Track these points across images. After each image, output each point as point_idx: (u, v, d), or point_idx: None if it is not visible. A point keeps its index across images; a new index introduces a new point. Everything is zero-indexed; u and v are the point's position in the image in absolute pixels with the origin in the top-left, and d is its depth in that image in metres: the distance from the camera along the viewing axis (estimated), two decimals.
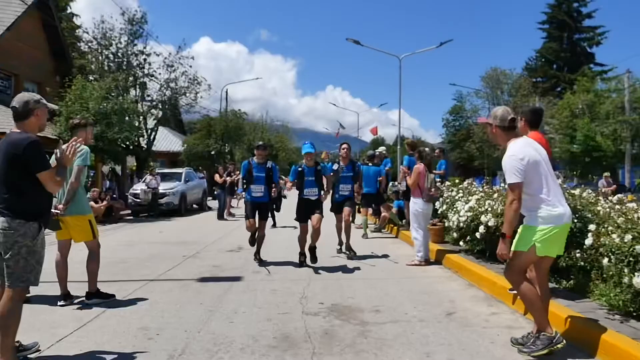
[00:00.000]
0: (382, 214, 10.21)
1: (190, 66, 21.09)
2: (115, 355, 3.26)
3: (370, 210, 10.64)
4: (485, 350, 3.35)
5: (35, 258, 3.03)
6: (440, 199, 7.58)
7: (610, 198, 5.37)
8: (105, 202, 12.95)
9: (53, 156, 3.68)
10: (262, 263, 6.62)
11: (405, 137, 57.43)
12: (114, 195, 15.58)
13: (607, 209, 4.54)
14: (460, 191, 7.28)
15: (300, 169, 6.52)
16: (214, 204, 17.58)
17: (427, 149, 7.21)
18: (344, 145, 7.55)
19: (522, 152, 3.26)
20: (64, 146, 3.08)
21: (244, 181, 6.66)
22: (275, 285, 5.35)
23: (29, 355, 3.13)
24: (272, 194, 6.57)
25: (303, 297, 4.84)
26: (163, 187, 15.35)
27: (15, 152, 2.97)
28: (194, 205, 17.81)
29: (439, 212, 7.66)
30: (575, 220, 4.44)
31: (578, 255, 4.34)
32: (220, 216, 13.92)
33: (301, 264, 6.48)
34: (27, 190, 3.01)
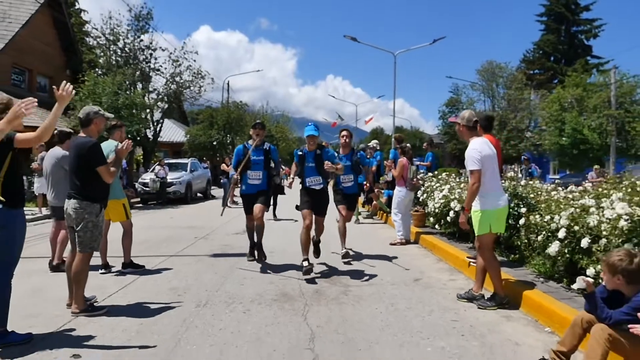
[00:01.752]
0: (374, 202, 11.27)
1: (194, 60, 21.96)
2: (156, 305, 4.29)
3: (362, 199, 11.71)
4: (436, 302, 4.39)
5: (98, 230, 4.05)
6: (422, 188, 8.63)
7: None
8: None
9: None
10: (260, 259, 6.14)
11: (404, 128, 58.28)
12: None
13: (546, 195, 5.55)
14: (440, 181, 8.29)
15: (300, 152, 5.81)
16: (218, 192, 18.57)
17: (408, 144, 8.20)
18: (344, 133, 6.58)
19: (480, 147, 4.30)
20: (119, 146, 4.09)
21: (238, 167, 5.94)
22: (276, 261, 6.38)
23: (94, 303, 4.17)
24: (274, 180, 5.99)
25: (299, 268, 5.87)
26: (170, 176, 16.35)
27: (81, 151, 3.99)
28: (199, 194, 18.84)
29: (420, 199, 8.70)
30: (521, 205, 5.47)
31: (522, 234, 5.36)
32: (225, 203, 14.91)
33: (307, 272, 5.27)
34: (91, 180, 4.02)
